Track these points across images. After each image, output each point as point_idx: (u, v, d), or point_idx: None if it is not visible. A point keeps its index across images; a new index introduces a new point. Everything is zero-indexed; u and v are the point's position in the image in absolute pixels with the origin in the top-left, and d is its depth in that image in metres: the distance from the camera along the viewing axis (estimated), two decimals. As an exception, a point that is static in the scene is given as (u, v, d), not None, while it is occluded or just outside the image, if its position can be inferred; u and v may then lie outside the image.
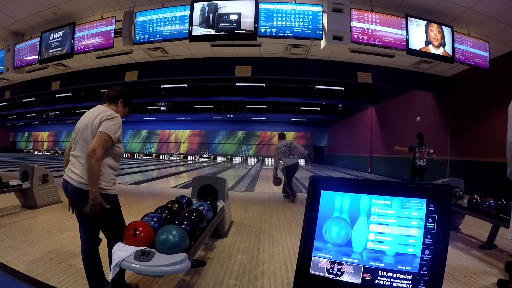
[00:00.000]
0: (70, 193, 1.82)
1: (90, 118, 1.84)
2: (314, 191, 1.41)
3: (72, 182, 1.79)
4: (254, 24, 4.47)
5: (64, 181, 1.85)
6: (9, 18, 5.47)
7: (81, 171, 1.77)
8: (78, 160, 1.80)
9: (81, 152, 1.80)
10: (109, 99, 2.02)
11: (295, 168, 5.91)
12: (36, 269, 2.28)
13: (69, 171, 1.83)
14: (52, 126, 28.67)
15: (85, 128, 1.82)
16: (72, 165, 1.83)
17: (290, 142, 5.98)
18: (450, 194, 1.30)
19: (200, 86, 12.92)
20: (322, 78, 8.01)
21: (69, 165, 1.86)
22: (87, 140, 1.79)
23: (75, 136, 1.87)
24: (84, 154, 1.77)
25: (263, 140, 24.41)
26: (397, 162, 11.15)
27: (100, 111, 1.87)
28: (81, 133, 1.83)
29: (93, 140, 1.74)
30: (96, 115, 1.83)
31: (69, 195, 1.85)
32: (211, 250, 2.89)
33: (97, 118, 1.81)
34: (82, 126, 1.84)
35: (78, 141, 1.84)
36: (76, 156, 1.82)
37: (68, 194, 1.84)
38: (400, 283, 1.25)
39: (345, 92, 12.64)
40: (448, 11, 4.81)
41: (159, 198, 5.34)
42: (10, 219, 3.76)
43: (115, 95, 2.03)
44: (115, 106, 2.02)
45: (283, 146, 5.88)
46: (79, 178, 1.77)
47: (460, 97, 7.46)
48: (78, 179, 1.77)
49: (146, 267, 1.63)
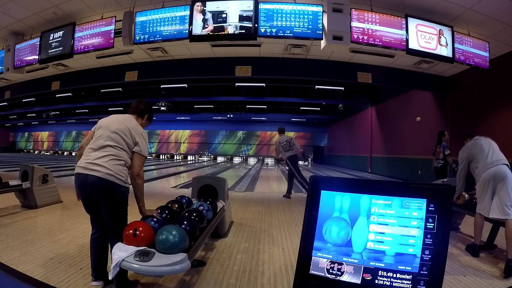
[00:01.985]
0: (90, 184, 1.87)
1: (124, 125, 2.02)
2: (314, 191, 1.41)
3: (97, 173, 1.86)
4: (254, 24, 4.47)
5: (82, 175, 1.90)
6: (9, 18, 5.47)
7: (110, 166, 1.89)
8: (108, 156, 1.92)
9: (114, 151, 1.95)
10: (137, 112, 2.20)
11: (296, 158, 6.15)
12: (36, 269, 2.28)
13: (91, 164, 1.89)
14: (52, 126, 28.65)
15: (117, 131, 1.98)
16: (93, 158, 1.91)
17: (290, 138, 6.23)
18: (450, 194, 1.30)
19: (200, 86, 12.92)
20: (322, 78, 8.01)
21: (88, 158, 1.93)
22: (125, 148, 1.99)
23: (101, 133, 1.99)
24: (116, 154, 1.94)
25: (263, 140, 24.40)
26: (397, 162, 11.16)
27: (134, 123, 2.09)
28: (115, 134, 1.97)
29: (135, 163, 1.99)
30: (132, 126, 2.04)
31: (84, 187, 1.90)
32: (211, 250, 2.88)
33: (133, 130, 2.02)
34: (113, 129, 1.98)
35: (106, 138, 1.96)
36: (102, 150, 1.93)
37: (84, 186, 1.89)
38: (400, 283, 1.25)
39: (345, 92, 12.63)
40: (448, 11, 4.80)
41: (159, 198, 5.34)
42: (10, 219, 3.76)
43: (144, 109, 2.21)
44: (141, 120, 2.21)
45: (284, 141, 6.10)
46: (107, 170, 1.88)
47: (460, 97, 7.45)
48: (106, 171, 1.87)
49: (146, 267, 1.64)
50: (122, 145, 1.98)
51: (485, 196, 2.80)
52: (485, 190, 2.80)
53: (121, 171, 1.94)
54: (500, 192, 2.72)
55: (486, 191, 2.79)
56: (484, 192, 2.81)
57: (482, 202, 2.83)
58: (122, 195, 1.95)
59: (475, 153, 3.00)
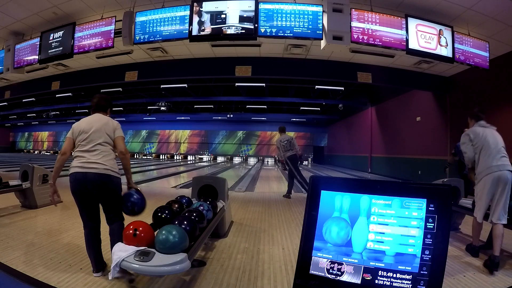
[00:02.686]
0: (90, 180, 2.13)
1: (100, 123, 2.27)
2: (314, 191, 1.41)
3: (95, 170, 2.13)
4: (254, 24, 4.47)
5: (79, 173, 2.14)
6: (9, 18, 5.47)
7: (105, 162, 2.18)
8: (101, 154, 2.20)
9: (103, 148, 2.22)
10: (102, 108, 2.44)
11: (296, 158, 6.13)
12: (36, 269, 2.28)
13: (87, 163, 2.16)
14: (52, 126, 28.65)
15: (98, 131, 2.24)
16: (89, 158, 2.17)
17: (291, 137, 6.23)
18: (450, 194, 1.30)
19: (200, 86, 12.92)
20: (322, 78, 8.02)
21: (82, 159, 2.18)
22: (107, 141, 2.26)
23: (86, 137, 2.22)
24: (104, 150, 2.22)
25: (263, 140, 24.40)
26: (397, 162, 11.16)
27: (105, 119, 2.34)
28: (94, 134, 2.22)
29: (119, 144, 2.28)
30: (105, 122, 2.30)
31: (83, 183, 2.14)
32: (211, 250, 2.88)
33: (108, 125, 2.29)
34: (94, 130, 2.23)
35: (93, 140, 2.21)
36: (95, 151, 2.19)
37: (83, 182, 2.13)
38: (400, 283, 1.25)
39: (345, 92, 12.64)
40: (448, 11, 4.80)
41: (159, 198, 5.33)
42: (10, 219, 3.76)
43: (105, 105, 2.46)
44: (106, 113, 2.46)
45: (285, 140, 6.11)
46: (104, 166, 2.17)
47: (460, 97, 7.45)
48: (103, 167, 2.16)
49: (146, 267, 1.64)
50: (106, 140, 2.25)
51: (484, 201, 2.69)
52: (485, 194, 2.67)
53: (114, 164, 2.24)
54: (499, 197, 2.63)
55: (486, 195, 2.67)
56: (483, 196, 2.69)
57: (480, 207, 2.73)
58: (117, 184, 2.26)
59: (479, 145, 2.76)
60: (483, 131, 2.82)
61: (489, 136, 2.77)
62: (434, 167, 8.50)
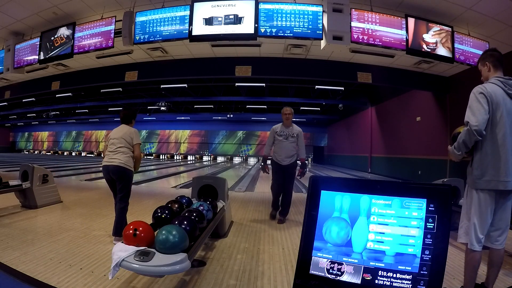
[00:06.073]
0: (111, 170, 3.03)
1: (123, 132, 3.16)
2: (314, 191, 1.41)
3: (115, 163, 3.03)
4: (254, 24, 4.47)
5: (106, 165, 3.07)
6: (9, 18, 5.47)
7: (121, 158, 3.06)
8: (120, 153, 3.08)
9: (122, 150, 3.10)
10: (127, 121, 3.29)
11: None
12: (36, 269, 2.28)
13: (111, 159, 3.06)
14: (52, 126, 28.68)
15: (121, 138, 3.13)
16: (112, 156, 3.08)
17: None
18: (450, 194, 1.30)
19: (200, 86, 12.92)
20: (322, 78, 8.01)
21: (108, 157, 3.10)
22: (128, 146, 3.14)
23: (112, 142, 3.14)
24: (123, 151, 3.10)
25: (263, 140, 24.38)
26: (397, 162, 11.16)
27: (127, 129, 3.22)
28: (120, 140, 3.12)
29: (135, 150, 3.18)
30: (126, 131, 3.17)
31: (108, 172, 3.06)
32: (211, 250, 2.88)
33: (127, 134, 3.15)
34: (119, 137, 3.13)
35: (115, 144, 3.11)
36: (116, 152, 3.09)
37: (108, 171, 3.06)
38: (400, 283, 1.25)
39: (345, 92, 12.63)
40: (448, 11, 4.80)
41: (159, 198, 5.34)
42: (10, 219, 3.76)
43: (129, 116, 3.31)
44: (131, 124, 3.33)
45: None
46: (121, 162, 3.04)
47: (460, 97, 7.44)
48: (120, 163, 3.04)
49: (146, 267, 1.63)
50: (125, 145, 3.14)
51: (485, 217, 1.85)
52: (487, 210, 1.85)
53: (128, 161, 3.10)
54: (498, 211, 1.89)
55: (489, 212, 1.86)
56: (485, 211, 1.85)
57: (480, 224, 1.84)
58: (129, 175, 3.14)
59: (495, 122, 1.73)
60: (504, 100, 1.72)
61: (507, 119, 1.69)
62: (434, 167, 8.50)
